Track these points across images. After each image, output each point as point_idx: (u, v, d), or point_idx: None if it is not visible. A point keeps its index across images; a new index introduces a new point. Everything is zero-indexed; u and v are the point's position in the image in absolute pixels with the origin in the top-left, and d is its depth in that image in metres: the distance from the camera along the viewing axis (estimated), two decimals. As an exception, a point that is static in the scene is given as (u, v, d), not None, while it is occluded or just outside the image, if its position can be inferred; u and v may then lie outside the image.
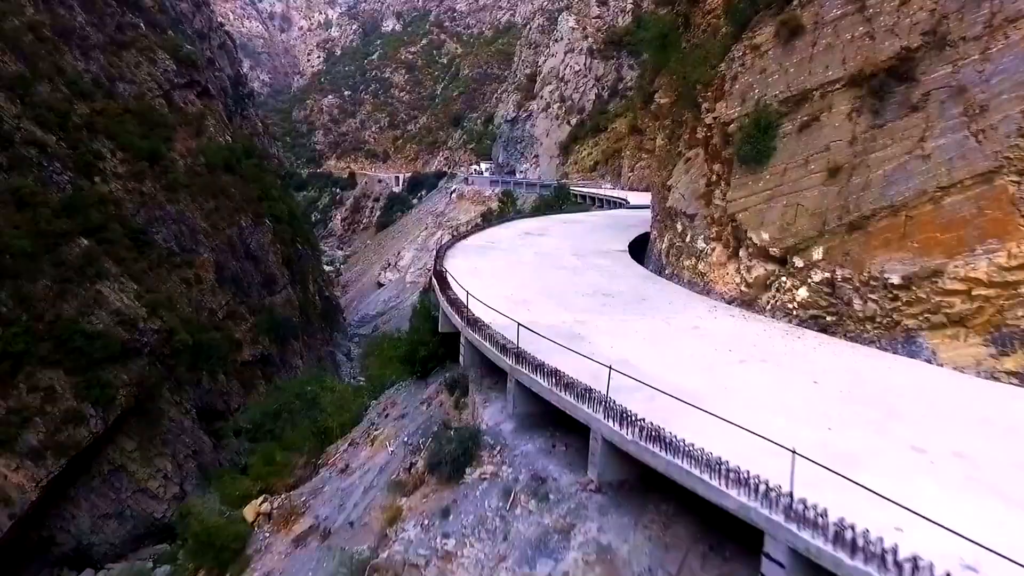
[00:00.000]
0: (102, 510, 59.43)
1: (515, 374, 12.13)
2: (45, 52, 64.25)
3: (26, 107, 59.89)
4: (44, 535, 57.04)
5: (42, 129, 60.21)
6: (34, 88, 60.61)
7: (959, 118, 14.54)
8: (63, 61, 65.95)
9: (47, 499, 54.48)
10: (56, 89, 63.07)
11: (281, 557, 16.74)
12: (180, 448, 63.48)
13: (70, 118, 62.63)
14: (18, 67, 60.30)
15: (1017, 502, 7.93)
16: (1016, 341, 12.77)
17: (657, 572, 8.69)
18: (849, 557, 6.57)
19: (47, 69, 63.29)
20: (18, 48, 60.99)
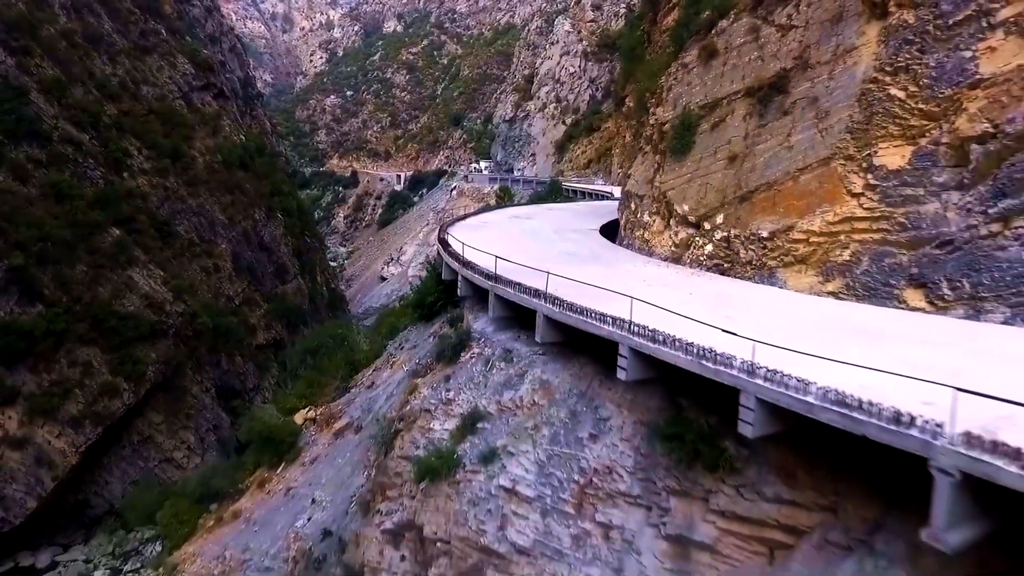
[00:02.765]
0: (132, 476, 65.37)
1: (494, 289, 18.33)
2: (77, 57, 70.21)
3: (62, 108, 65.86)
4: (80, 498, 62.83)
5: (77, 128, 66.22)
6: (69, 91, 66.52)
7: (812, 120, 20.73)
8: (93, 66, 71.96)
9: (84, 465, 60.44)
10: (88, 92, 69.04)
11: (325, 446, 22.90)
12: (202, 423, 69.43)
13: (101, 118, 68.62)
14: (55, 72, 66.30)
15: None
16: (834, 271, 18.93)
17: (573, 390, 14.88)
18: (658, 346, 12.66)
19: (80, 73, 69.27)
20: (54, 54, 66.96)
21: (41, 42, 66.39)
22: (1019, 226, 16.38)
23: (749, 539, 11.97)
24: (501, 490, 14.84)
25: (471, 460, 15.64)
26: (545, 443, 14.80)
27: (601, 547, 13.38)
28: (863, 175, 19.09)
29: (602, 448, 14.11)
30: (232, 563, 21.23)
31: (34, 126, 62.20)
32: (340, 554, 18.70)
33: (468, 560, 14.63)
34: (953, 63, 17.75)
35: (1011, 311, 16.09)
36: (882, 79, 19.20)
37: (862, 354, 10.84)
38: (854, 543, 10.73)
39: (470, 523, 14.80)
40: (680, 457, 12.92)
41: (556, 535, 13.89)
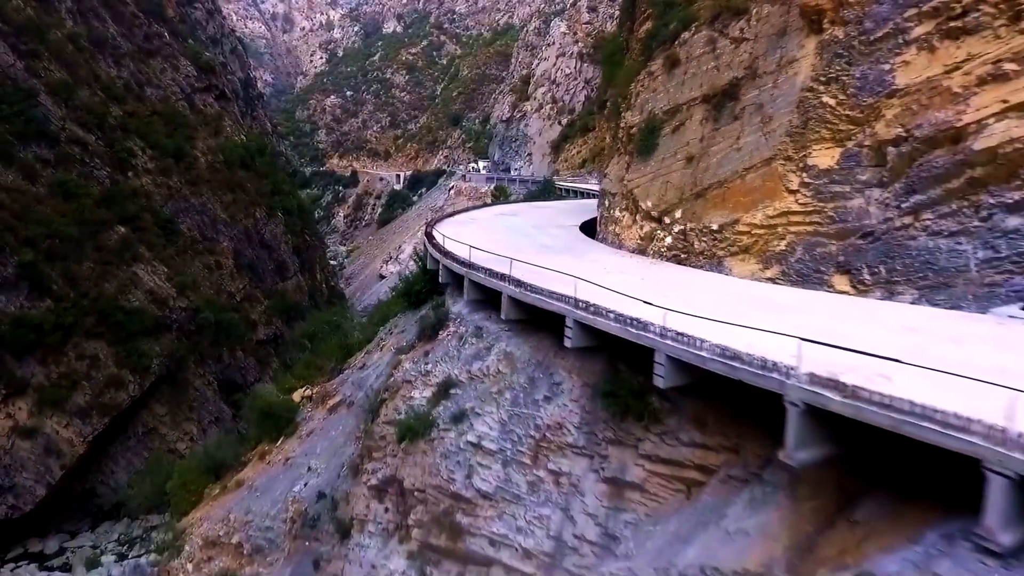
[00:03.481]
0: (137, 467, 67.74)
1: (468, 275, 20.79)
2: (83, 61, 72.75)
3: (69, 110, 68.42)
4: (87, 487, 65.26)
5: (83, 129, 68.79)
6: (76, 93, 69.08)
7: (758, 124, 23.12)
8: (99, 68, 74.55)
9: (91, 455, 62.89)
10: (94, 94, 71.60)
11: (320, 421, 25.36)
12: (204, 415, 71.88)
13: (107, 120, 71.20)
14: (62, 74, 68.85)
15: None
16: (773, 260, 21.33)
17: (532, 360, 17.32)
18: (595, 317, 15.06)
19: (86, 76, 71.81)
20: (61, 58, 69.50)
21: (49, 46, 68.90)
22: (927, 218, 18.80)
23: (670, 478, 14.36)
24: (469, 445, 17.28)
25: (444, 421, 18.11)
26: (507, 405, 17.26)
27: (552, 491, 15.79)
28: (799, 174, 21.48)
29: (554, 408, 16.54)
30: (235, 524, 23.67)
31: (42, 127, 64.70)
32: (332, 512, 21.15)
33: (440, 505, 17.06)
34: (874, 75, 20.15)
35: (918, 293, 18.52)
36: (817, 88, 21.60)
37: (766, 323, 13.17)
38: (750, 476, 13.13)
39: (442, 474, 17.25)
40: (615, 411, 15.34)
41: (515, 482, 16.31)
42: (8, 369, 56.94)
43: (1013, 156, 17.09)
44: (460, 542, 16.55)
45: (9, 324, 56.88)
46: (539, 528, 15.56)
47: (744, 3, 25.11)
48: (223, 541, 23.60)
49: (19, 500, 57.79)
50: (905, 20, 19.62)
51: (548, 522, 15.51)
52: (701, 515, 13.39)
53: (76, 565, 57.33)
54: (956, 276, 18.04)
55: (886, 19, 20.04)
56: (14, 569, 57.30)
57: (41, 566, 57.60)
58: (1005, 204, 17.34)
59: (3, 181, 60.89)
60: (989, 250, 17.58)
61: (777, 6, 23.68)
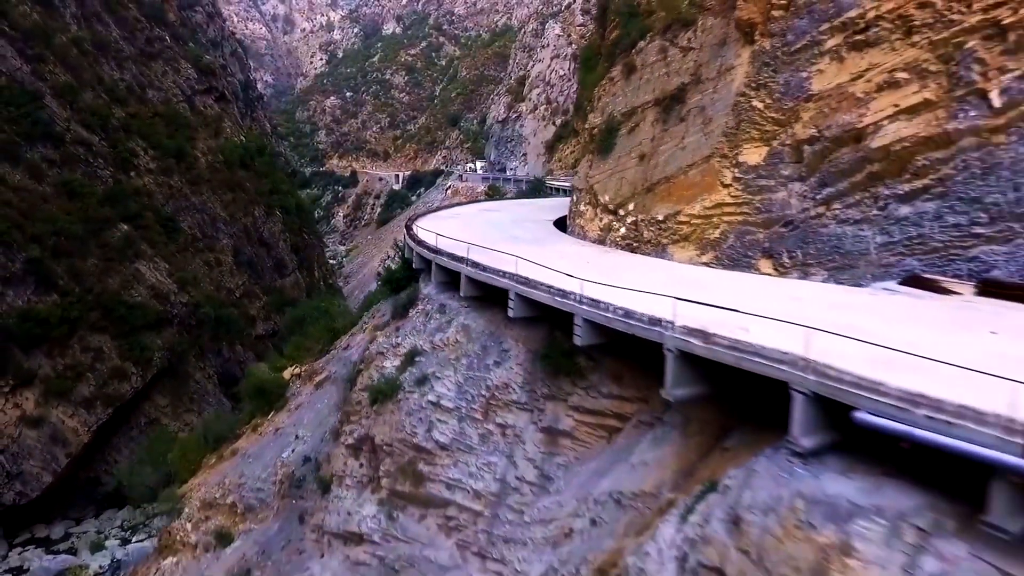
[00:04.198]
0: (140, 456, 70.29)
1: (435, 260, 23.55)
2: (87, 64, 75.54)
3: (74, 112, 71.21)
4: (91, 476, 67.90)
5: (87, 131, 71.57)
6: (80, 95, 71.85)
7: (700, 125, 25.83)
8: (102, 71, 77.37)
9: (95, 444, 65.57)
10: (97, 96, 74.40)
11: (308, 396, 28.11)
12: (204, 407, 74.54)
13: (110, 121, 73.99)
14: (66, 78, 71.65)
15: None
16: (708, 246, 24.03)
17: (485, 331, 20.06)
18: (530, 289, 17.74)
19: (90, 78, 74.61)
20: (66, 61, 72.33)
21: (54, 50, 71.69)
22: (836, 208, 21.51)
23: (594, 426, 17.05)
24: (429, 404, 19.97)
25: (409, 384, 20.80)
26: (463, 369, 19.95)
27: (499, 441, 18.46)
28: (732, 170, 24.19)
29: (502, 371, 19.21)
30: (230, 487, 26.39)
31: (48, 128, 67.53)
32: (316, 472, 23.88)
33: (405, 457, 19.73)
34: (795, 81, 22.86)
35: (827, 273, 21.23)
36: (748, 93, 24.31)
37: (678, 293, 15.78)
38: (655, 420, 15.82)
39: (406, 429, 19.92)
40: (550, 371, 18.01)
41: (468, 434, 18.97)
42: (16, 361, 59.71)
43: (903, 153, 19.79)
44: (422, 487, 19.23)
45: (17, 318, 59.61)
46: (488, 473, 18.25)
47: (692, 15, 27.83)
48: (219, 502, 26.34)
49: (26, 487, 60.59)
50: (820, 33, 22.33)
51: (495, 467, 18.20)
52: (616, 454, 16.09)
53: (81, 549, 60.11)
54: (859, 258, 20.75)
55: (805, 32, 22.74)
56: (21, 553, 60.09)
57: (47, 550, 60.36)
58: (898, 195, 20.05)
59: (10, 180, 63.69)
60: (885, 235, 20.29)
61: (719, 19, 26.38)
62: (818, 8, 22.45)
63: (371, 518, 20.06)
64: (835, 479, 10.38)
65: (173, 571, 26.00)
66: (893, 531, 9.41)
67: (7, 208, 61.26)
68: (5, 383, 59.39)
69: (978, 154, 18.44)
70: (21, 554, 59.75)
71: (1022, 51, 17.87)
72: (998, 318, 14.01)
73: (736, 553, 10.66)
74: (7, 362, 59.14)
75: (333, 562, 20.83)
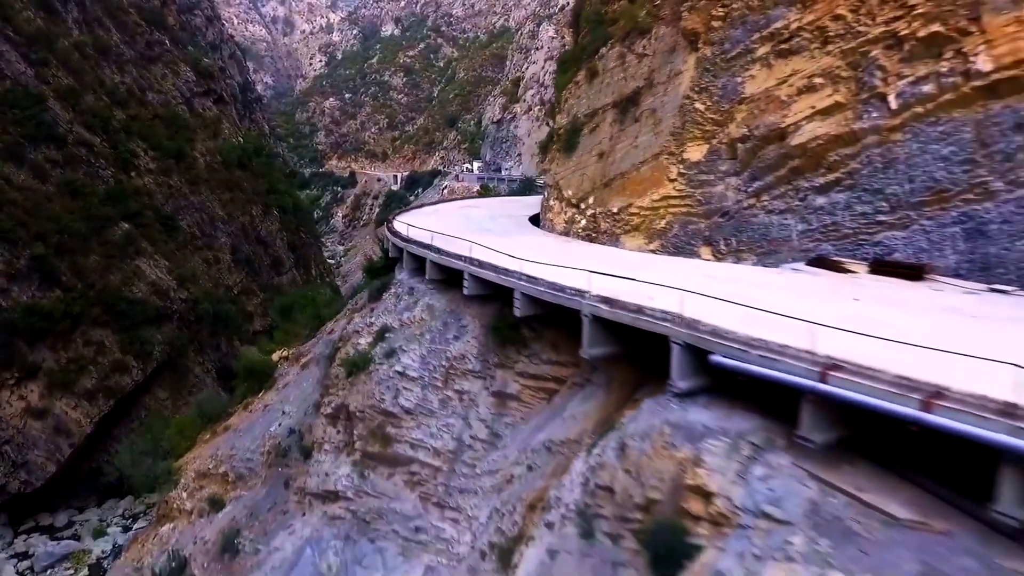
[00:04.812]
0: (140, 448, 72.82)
1: (407, 248, 26.16)
2: (89, 67, 78.23)
3: (76, 114, 73.84)
4: (93, 466, 70.34)
5: (89, 132, 74.20)
6: (82, 98, 74.51)
7: (651, 125, 28.39)
8: (103, 75, 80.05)
9: (97, 435, 68.01)
10: (99, 98, 77.06)
11: (294, 376, 30.71)
12: (203, 400, 76.53)
13: (111, 123, 76.62)
14: (69, 81, 74.35)
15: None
16: (655, 235, 26.58)
17: (447, 309, 22.66)
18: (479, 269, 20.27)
19: (91, 82, 77.29)
20: (68, 65, 75.03)
21: (57, 54, 74.37)
22: (764, 200, 24.05)
23: (536, 389, 19.60)
24: (396, 374, 22.51)
25: (379, 357, 23.35)
26: (426, 343, 22.51)
27: (457, 405, 21.00)
28: (678, 166, 26.74)
29: (460, 344, 21.76)
30: (222, 458, 28.96)
31: (51, 130, 70.16)
32: (299, 441, 26.45)
33: (375, 421, 22.26)
34: (731, 85, 25.42)
35: (757, 258, 23.77)
36: (692, 96, 26.87)
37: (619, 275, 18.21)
38: (585, 381, 18.37)
39: (376, 396, 22.46)
40: (499, 342, 20.55)
41: (430, 400, 21.51)
42: (21, 354, 62.29)
43: (818, 150, 22.35)
44: (389, 448, 21.75)
45: (22, 312, 62.15)
46: (446, 433, 20.80)
47: (648, 24, 30.38)
48: (212, 472, 28.90)
49: (31, 476, 63.17)
50: (752, 42, 24.90)
51: (453, 428, 20.75)
52: (553, 412, 18.66)
53: (84, 535, 62.75)
54: (783, 244, 23.32)
55: (739, 41, 25.32)
56: (26, 539, 62.70)
57: (51, 537, 62.98)
58: (814, 187, 22.60)
59: (15, 180, 66.34)
60: (805, 223, 22.86)
61: (670, 28, 28.96)
62: (751, 19, 25.01)
63: (346, 477, 22.61)
64: (698, 411, 12.94)
65: (170, 535, 28.56)
66: (733, 447, 11.98)
67: (12, 207, 63.82)
68: (10, 375, 61.99)
69: (879, 150, 20.99)
70: (26, 540, 62.36)
71: (915, 59, 20.40)
72: (868, 290, 16.56)
73: (622, 473, 13.22)
74: (12, 355, 61.71)
75: (313, 518, 23.40)
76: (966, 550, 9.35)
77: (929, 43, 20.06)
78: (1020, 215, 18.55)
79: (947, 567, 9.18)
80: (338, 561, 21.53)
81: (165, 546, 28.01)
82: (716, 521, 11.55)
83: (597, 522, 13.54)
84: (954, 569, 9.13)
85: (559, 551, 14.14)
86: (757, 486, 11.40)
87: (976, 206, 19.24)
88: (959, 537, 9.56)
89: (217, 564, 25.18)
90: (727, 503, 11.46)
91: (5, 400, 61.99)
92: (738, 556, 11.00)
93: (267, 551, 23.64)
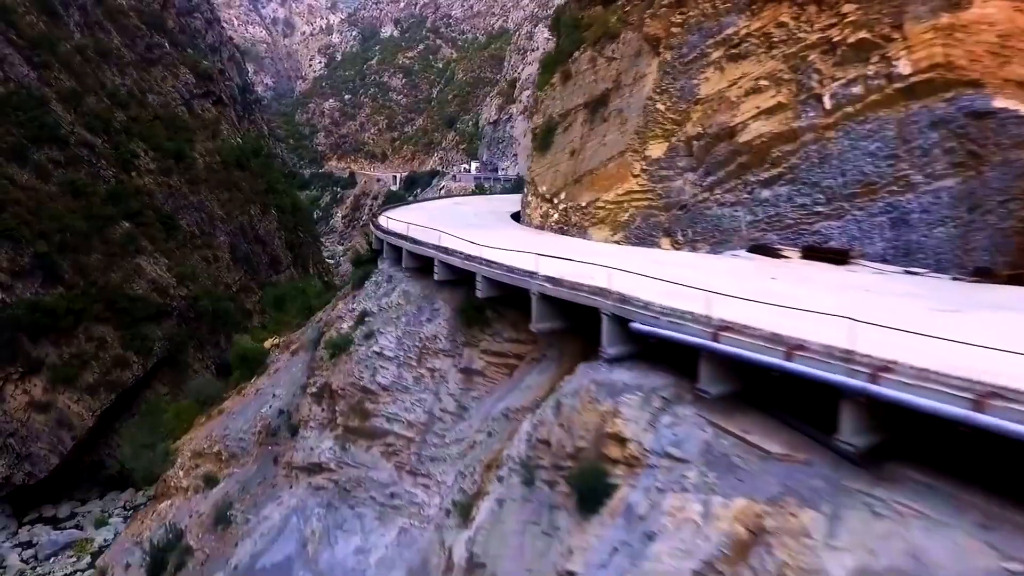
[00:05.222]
0: (141, 441, 74.82)
1: (386, 239, 28.23)
2: (90, 70, 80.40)
3: (78, 116, 75.98)
4: (95, 460, 72.33)
5: (91, 133, 76.34)
6: (84, 100, 76.65)
7: (618, 125, 30.39)
8: (104, 77, 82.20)
9: (98, 429, 70.00)
10: (100, 100, 79.20)
11: (285, 361, 32.77)
12: (202, 395, 78.48)
13: (112, 124, 78.75)
14: (71, 83, 76.49)
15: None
16: (619, 227, 28.58)
17: (421, 295, 24.70)
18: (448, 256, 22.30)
19: (93, 84, 79.44)
20: (70, 67, 77.18)
21: (59, 57, 76.53)
22: (717, 193, 26.04)
23: (499, 365, 21.60)
24: (374, 354, 24.55)
25: (359, 339, 25.40)
26: (402, 325, 24.54)
27: (428, 382, 23.00)
28: (641, 162, 28.73)
29: (432, 325, 23.79)
30: (216, 438, 31.02)
31: (54, 131, 72.35)
32: (288, 421, 28.52)
33: (355, 398, 24.27)
34: (688, 87, 27.42)
35: (710, 247, 25.76)
36: (655, 97, 28.86)
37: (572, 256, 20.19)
38: (541, 356, 20.37)
39: (356, 375, 24.48)
40: (466, 323, 22.58)
41: (404, 377, 23.52)
42: (25, 349, 64.47)
43: (762, 146, 24.35)
44: (367, 422, 23.75)
45: (26, 309, 64.32)
46: (419, 407, 22.82)
47: (618, 29, 32.37)
48: (207, 452, 30.96)
49: (35, 468, 65.28)
50: (707, 47, 26.91)
51: (424, 403, 22.76)
52: (512, 384, 20.67)
53: (87, 525, 64.84)
54: (733, 234, 25.32)
55: (695, 46, 27.32)
56: (30, 529, 64.80)
57: (55, 527, 65.08)
58: (760, 181, 24.60)
59: (19, 180, 68.53)
60: (752, 215, 24.85)
61: (636, 33, 30.95)
62: (706, 26, 27.02)
63: (328, 450, 24.64)
64: (621, 372, 14.95)
65: (168, 511, 30.62)
66: (646, 400, 13.99)
67: (16, 206, 65.98)
68: (15, 370, 64.18)
69: (815, 147, 23.00)
70: (30, 530, 64.46)
71: (847, 63, 22.41)
72: (790, 272, 18.56)
73: (557, 427, 15.23)
74: (16, 350, 63.91)
75: (299, 490, 25.43)
76: (819, 475, 11.34)
77: (858, 48, 22.05)
78: (937, 205, 20.56)
79: (801, 488, 11.18)
80: (321, 526, 23.54)
81: (163, 521, 30.06)
82: (630, 463, 13.55)
83: (537, 472, 15.55)
84: (805, 488, 11.12)
85: (506, 499, 16.15)
86: (664, 432, 13.40)
87: (899, 197, 21.24)
88: (816, 465, 11.54)
89: (211, 535, 27.21)
90: (639, 447, 13.46)
91: (9, 394, 64.09)
92: (645, 491, 13.00)
93: (256, 520, 25.67)
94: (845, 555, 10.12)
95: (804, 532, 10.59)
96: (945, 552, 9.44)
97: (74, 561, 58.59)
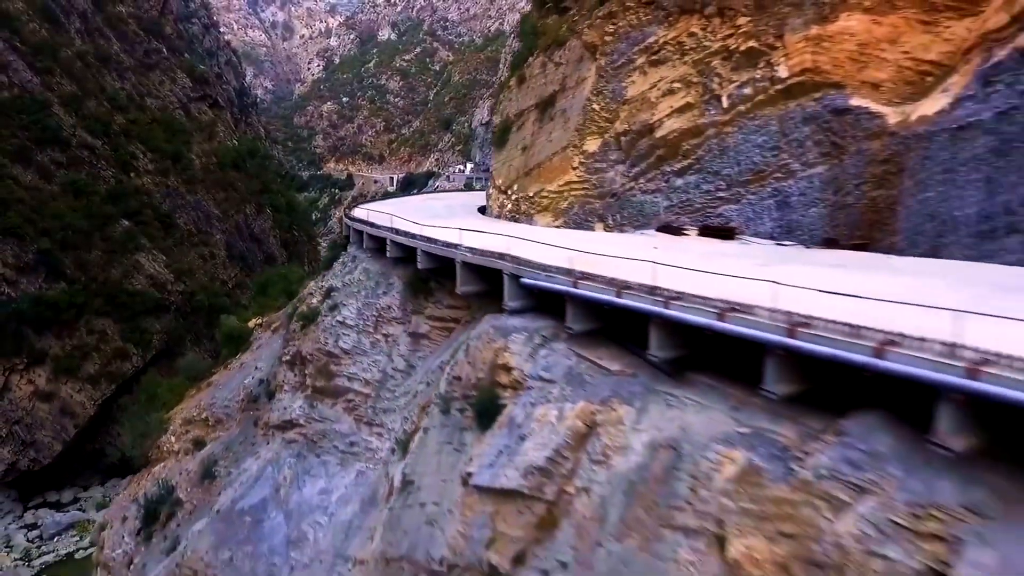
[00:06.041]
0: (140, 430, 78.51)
1: (352, 225, 32.16)
2: (91, 75, 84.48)
3: (79, 119, 79.98)
4: (97, 448, 76.02)
5: (91, 135, 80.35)
6: (84, 104, 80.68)
7: (562, 123, 34.22)
8: (104, 81, 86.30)
9: (99, 418, 73.70)
10: (100, 104, 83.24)
11: (266, 339, 36.71)
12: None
13: (112, 127, 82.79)
14: (72, 88, 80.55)
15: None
16: (560, 214, 32.42)
17: (379, 272, 28.62)
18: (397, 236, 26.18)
19: (93, 88, 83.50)
20: (71, 72, 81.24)
21: (60, 63, 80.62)
22: (641, 182, 29.86)
23: (441, 328, 25.46)
24: (338, 323, 28.45)
25: (325, 310, 29.31)
26: (362, 298, 28.45)
27: (383, 345, 26.86)
28: (580, 156, 32.53)
29: (387, 297, 27.67)
30: (204, 407, 34.95)
31: (56, 134, 76.46)
32: (267, 388, 32.43)
33: (321, 361, 28.14)
34: (618, 89, 31.25)
35: (635, 229, 29.58)
36: (592, 98, 32.68)
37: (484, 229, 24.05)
38: (473, 319, 24.22)
39: (322, 341, 28.36)
40: (413, 293, 26.48)
41: (363, 342, 27.38)
42: (29, 341, 68.48)
43: (675, 141, 28.17)
44: (331, 382, 27.62)
45: (30, 303, 68.26)
46: (375, 367, 26.69)
47: (565, 37, 36.20)
48: (196, 419, 34.89)
49: (39, 454, 69.27)
50: (633, 54, 30.74)
51: (379, 363, 26.64)
52: (449, 343, 24.52)
53: (89, 508, 68.77)
54: (653, 218, 29.13)
55: (624, 53, 31.16)
56: (35, 513, 68.75)
57: (58, 511, 69.02)
58: (674, 171, 28.42)
59: (23, 181, 72.61)
60: (668, 201, 28.68)
61: (579, 41, 34.78)
62: (633, 35, 30.87)
63: (299, 408, 28.54)
64: (514, 320, 18.81)
65: (161, 472, 34.53)
66: (529, 338, 17.84)
67: (20, 205, 70.01)
68: (20, 361, 68.20)
69: (716, 140, 26.81)
70: (35, 514, 68.41)
71: (740, 68, 26.25)
72: (676, 244, 22.40)
73: (466, 365, 19.09)
74: (21, 342, 67.96)
75: (274, 444, 29.32)
76: (640, 383, 15.18)
77: (749, 55, 25.91)
78: (811, 189, 24.38)
79: (623, 391, 15.02)
80: (292, 473, 27.42)
81: (157, 480, 33.97)
82: (514, 387, 17.40)
83: (452, 403, 19.40)
84: (626, 392, 14.97)
85: (430, 428, 20.01)
86: (540, 362, 17.25)
87: (783, 183, 25.05)
88: (640, 377, 15.37)
89: (198, 488, 31.12)
90: (521, 373, 17.31)
91: (15, 384, 68.13)
92: (523, 406, 16.84)
93: (237, 472, 29.57)
94: (643, 434, 13.98)
95: (620, 421, 14.44)
96: (702, 424, 13.29)
97: (77, 540, 62.54)
